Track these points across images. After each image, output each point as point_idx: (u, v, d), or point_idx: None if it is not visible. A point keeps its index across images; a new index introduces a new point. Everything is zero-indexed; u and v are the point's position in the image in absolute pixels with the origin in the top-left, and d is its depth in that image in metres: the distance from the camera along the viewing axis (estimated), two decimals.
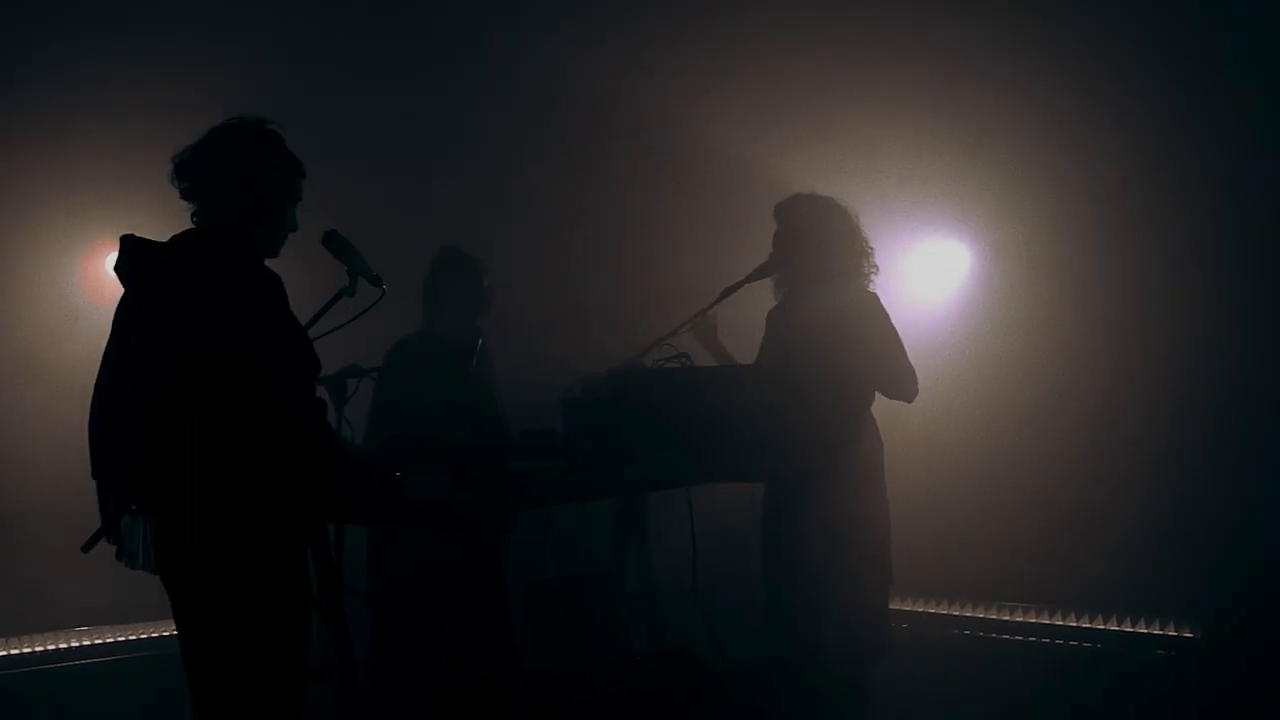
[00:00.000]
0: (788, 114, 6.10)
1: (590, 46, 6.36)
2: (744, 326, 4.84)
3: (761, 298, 4.80)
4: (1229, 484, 5.25)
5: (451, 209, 6.28)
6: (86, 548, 3.41)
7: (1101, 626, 5.45)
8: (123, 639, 5.84)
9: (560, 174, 6.46)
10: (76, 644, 5.74)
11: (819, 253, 4.62)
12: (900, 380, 4.56)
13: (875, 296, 4.63)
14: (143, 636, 5.85)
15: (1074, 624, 5.55)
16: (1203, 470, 5.30)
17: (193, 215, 3.33)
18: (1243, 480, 5.24)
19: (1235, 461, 5.27)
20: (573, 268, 6.38)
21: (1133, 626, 5.39)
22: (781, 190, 4.75)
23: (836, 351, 4.48)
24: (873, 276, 4.67)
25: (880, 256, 4.77)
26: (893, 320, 4.58)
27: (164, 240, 3.28)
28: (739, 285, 4.72)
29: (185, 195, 3.32)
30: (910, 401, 4.62)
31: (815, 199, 4.69)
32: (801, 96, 6.12)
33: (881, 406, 4.66)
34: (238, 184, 3.28)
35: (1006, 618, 5.68)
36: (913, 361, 4.64)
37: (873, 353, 4.54)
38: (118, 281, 3.29)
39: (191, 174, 3.30)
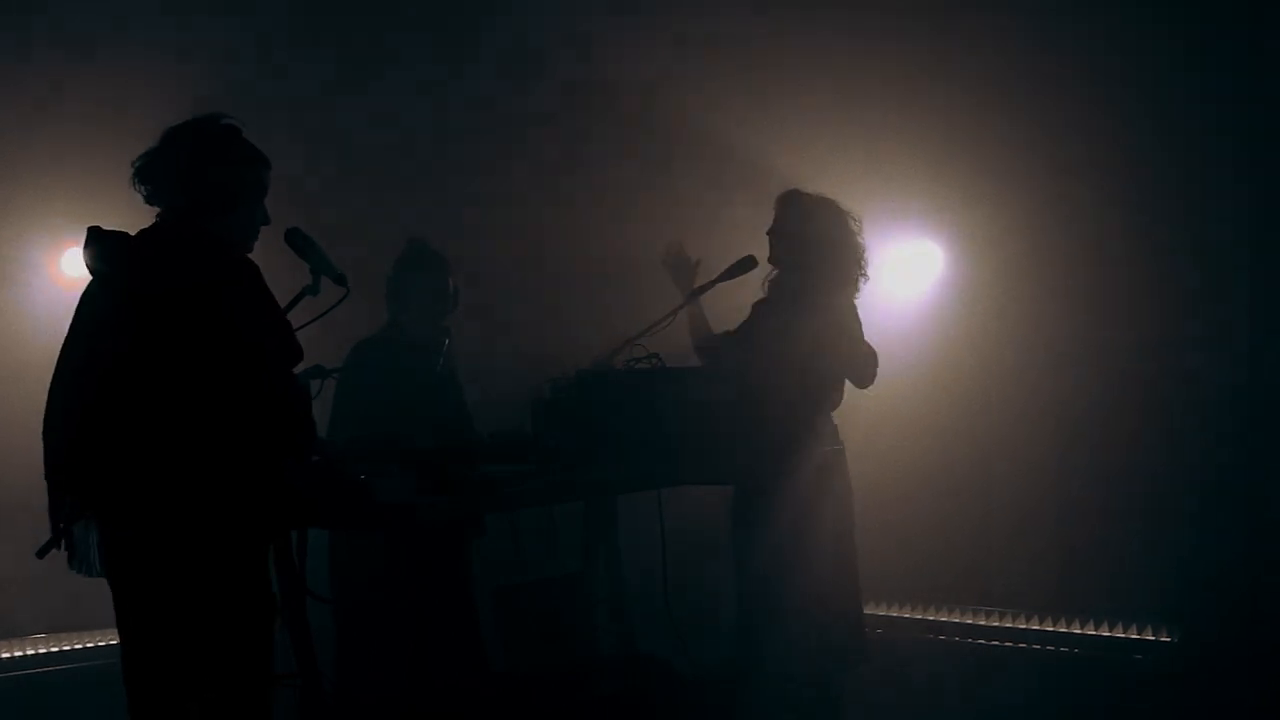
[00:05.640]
0: (764, 113, 6.05)
1: (564, 39, 6.30)
2: (718, 323, 4.79)
3: (735, 295, 4.75)
4: (1205, 486, 5.25)
5: (419, 207, 6.20)
6: (41, 554, 3.32)
7: (1078, 630, 5.42)
8: (79, 647, 5.67)
9: (531, 173, 6.40)
10: (31, 652, 5.59)
11: (824, 264, 4.57)
12: (866, 367, 4.62)
13: (854, 306, 4.62)
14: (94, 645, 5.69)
15: (1049, 628, 5.51)
16: (1179, 472, 5.29)
17: (158, 215, 3.29)
18: (1219, 482, 5.25)
19: (1211, 463, 5.27)
20: (543, 267, 6.31)
21: (1109, 630, 5.36)
22: (757, 188, 4.70)
23: (810, 358, 4.46)
24: (862, 284, 4.63)
25: None
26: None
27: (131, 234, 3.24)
28: (710, 285, 4.71)
29: (149, 199, 3.28)
30: (866, 387, 4.67)
31: (822, 203, 4.61)
32: (778, 96, 6.07)
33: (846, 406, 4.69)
34: (199, 180, 3.24)
35: (981, 622, 5.64)
36: (886, 362, 4.64)
37: (844, 355, 4.52)
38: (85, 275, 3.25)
39: (153, 177, 3.26)
